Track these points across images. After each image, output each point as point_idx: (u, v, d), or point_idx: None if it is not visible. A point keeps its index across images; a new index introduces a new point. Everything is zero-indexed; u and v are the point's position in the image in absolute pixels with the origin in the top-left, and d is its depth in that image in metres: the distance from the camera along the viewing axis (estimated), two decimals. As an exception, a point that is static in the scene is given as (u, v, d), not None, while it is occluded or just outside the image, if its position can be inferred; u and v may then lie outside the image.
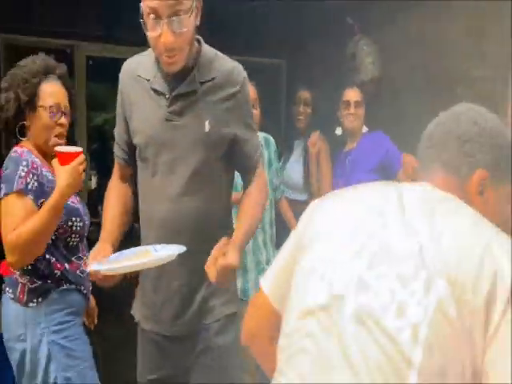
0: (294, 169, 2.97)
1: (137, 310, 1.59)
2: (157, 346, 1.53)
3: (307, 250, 0.87)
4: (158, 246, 1.39)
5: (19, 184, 1.59)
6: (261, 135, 2.55)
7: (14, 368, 1.71)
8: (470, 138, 0.86)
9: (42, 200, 1.62)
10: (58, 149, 1.62)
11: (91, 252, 1.38)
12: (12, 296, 1.67)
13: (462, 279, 0.71)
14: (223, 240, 1.37)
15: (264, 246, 2.48)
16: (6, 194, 1.59)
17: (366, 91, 2.94)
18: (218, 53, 1.48)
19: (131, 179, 1.58)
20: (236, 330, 1.47)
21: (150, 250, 1.37)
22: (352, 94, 2.80)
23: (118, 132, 1.56)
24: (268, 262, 2.46)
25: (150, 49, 1.43)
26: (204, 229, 1.45)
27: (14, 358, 1.69)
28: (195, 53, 1.42)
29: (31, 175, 1.62)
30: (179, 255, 1.33)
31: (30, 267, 1.64)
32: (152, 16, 1.29)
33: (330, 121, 2.94)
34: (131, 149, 1.53)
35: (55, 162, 1.61)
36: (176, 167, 1.43)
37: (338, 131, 2.91)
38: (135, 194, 1.58)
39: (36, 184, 1.62)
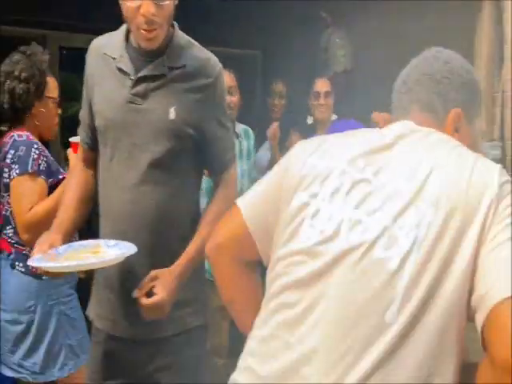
0: (263, 158, 3.02)
1: (92, 308, 1.47)
2: (112, 349, 1.40)
3: (297, 189, 0.88)
4: (111, 242, 1.29)
5: (33, 166, 1.72)
6: (240, 127, 2.62)
7: (8, 342, 1.79)
8: (443, 77, 0.89)
9: (51, 180, 1.78)
10: (72, 139, 1.71)
11: (37, 241, 1.30)
12: (23, 270, 1.79)
13: (452, 204, 0.76)
14: (151, 274, 1.29)
15: None
16: (20, 174, 1.71)
17: (339, 83, 3.02)
18: (194, 42, 1.40)
19: (95, 165, 1.47)
20: (204, 344, 1.45)
21: (102, 245, 1.29)
22: (322, 85, 2.88)
23: (82, 114, 1.49)
24: None
25: (121, 27, 1.37)
26: (165, 225, 1.34)
27: (13, 330, 1.78)
28: (168, 36, 1.34)
29: (42, 157, 1.76)
30: (138, 255, 1.24)
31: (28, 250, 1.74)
32: None
33: (304, 111, 3.00)
34: (94, 133, 1.44)
35: (70, 150, 1.70)
36: (135, 154, 1.33)
37: (309, 120, 2.99)
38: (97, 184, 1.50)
39: (46, 165, 1.77)
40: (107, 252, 1.25)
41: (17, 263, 1.81)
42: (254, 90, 4.51)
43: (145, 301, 1.26)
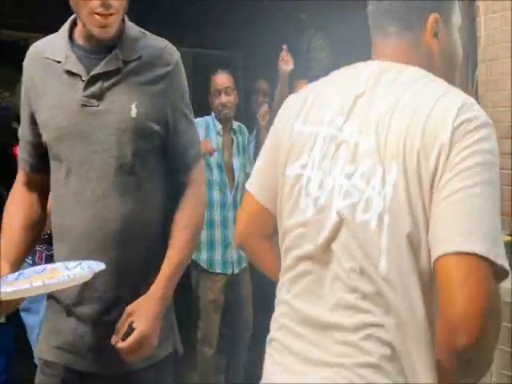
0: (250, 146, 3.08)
1: (43, 340, 1.26)
2: None
3: (288, 161, 0.92)
4: (72, 263, 1.11)
5: None
6: (235, 123, 2.69)
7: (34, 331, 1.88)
8: None
9: None
10: None
11: None
12: (31, 262, 1.87)
13: (411, 154, 0.76)
14: (126, 311, 1.15)
15: (234, 223, 2.60)
16: None
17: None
18: (147, 32, 1.27)
19: (40, 188, 1.30)
20: (173, 373, 1.30)
21: (60, 269, 1.10)
22: (302, 86, 2.94)
23: (23, 132, 1.29)
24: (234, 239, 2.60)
25: (61, 29, 1.25)
26: (133, 239, 1.20)
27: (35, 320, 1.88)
28: (119, 29, 1.20)
29: None
30: (102, 274, 1.10)
31: (46, 236, 1.72)
32: None
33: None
34: (39, 151, 1.25)
35: None
36: (96, 163, 1.18)
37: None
38: (44, 207, 1.32)
39: None
40: (63, 276, 1.06)
41: None
42: (237, 89, 4.57)
43: (121, 344, 1.11)
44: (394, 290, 0.77)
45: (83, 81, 1.18)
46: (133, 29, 1.25)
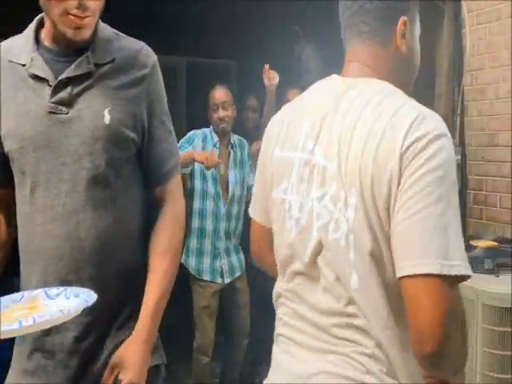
0: None
1: (13, 380, 1.13)
2: None
3: (272, 187, 0.99)
4: (53, 290, 1.00)
5: None
6: (235, 137, 2.75)
7: None
8: None
9: None
10: None
11: None
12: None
13: (367, 179, 0.81)
14: (110, 363, 1.06)
15: (225, 235, 2.65)
16: None
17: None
18: (120, 33, 1.18)
19: (3, 204, 1.18)
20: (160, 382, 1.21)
21: (41, 297, 0.99)
22: (293, 95, 3.00)
23: None
24: (227, 250, 2.65)
25: (26, 29, 1.15)
26: (114, 259, 1.11)
27: None
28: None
29: None
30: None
31: None
32: None
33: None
34: (0, 163, 1.14)
35: None
36: (66, 175, 1.08)
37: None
38: (10, 225, 1.18)
39: None
40: (51, 305, 0.96)
41: None
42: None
43: None
44: (364, 301, 0.85)
45: (50, 86, 1.08)
46: (106, 30, 1.16)
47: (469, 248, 2.04)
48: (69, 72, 1.08)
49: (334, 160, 0.87)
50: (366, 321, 0.85)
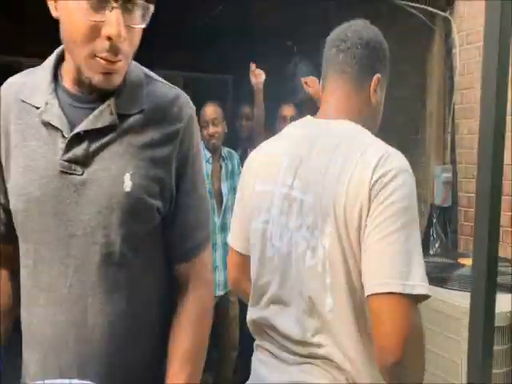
0: None
1: None
2: None
3: (252, 217, 1.07)
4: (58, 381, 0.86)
5: None
6: (225, 149, 2.81)
7: None
8: (370, 49, 1.06)
9: None
10: None
11: None
12: None
13: (340, 210, 0.91)
14: None
15: (222, 247, 2.69)
16: None
17: (306, 108, 3.20)
18: (153, 75, 0.99)
19: (8, 262, 1.00)
20: None
21: None
22: (288, 110, 3.06)
23: None
24: (223, 261, 2.66)
25: (44, 63, 0.96)
26: (127, 352, 0.92)
27: None
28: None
29: None
30: None
31: None
32: None
33: (273, 134, 3.16)
34: (9, 216, 0.95)
35: None
36: (75, 250, 0.88)
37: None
38: (15, 285, 0.99)
39: None
40: None
41: None
42: (225, 112, 4.69)
43: None
44: (337, 321, 0.94)
45: (64, 138, 0.88)
46: (136, 71, 0.95)
47: (457, 266, 2.06)
48: (86, 124, 0.88)
49: (310, 193, 0.96)
50: (333, 349, 0.94)
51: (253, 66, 2.98)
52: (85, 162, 0.88)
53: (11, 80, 0.98)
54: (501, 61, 0.81)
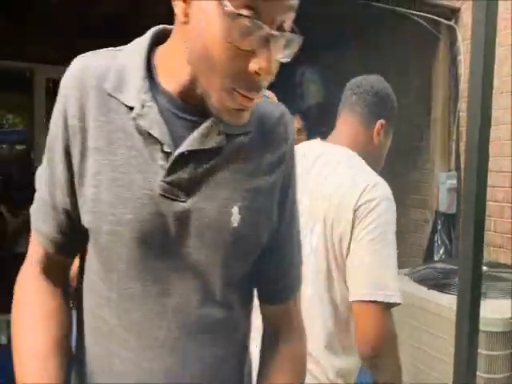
0: None
1: None
2: None
3: None
4: None
5: None
6: None
7: None
8: (379, 97, 1.26)
9: None
10: None
11: None
12: None
13: (329, 218, 1.12)
14: None
15: None
16: None
17: (313, 115, 3.24)
18: None
19: (62, 274, 0.83)
20: None
21: None
22: (296, 121, 3.10)
23: (49, 188, 0.77)
24: None
25: (128, 48, 0.75)
26: None
27: None
28: None
29: None
30: None
31: None
32: (248, 13, 0.62)
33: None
34: (71, 225, 0.77)
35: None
36: (175, 288, 0.74)
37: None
38: (67, 305, 0.82)
39: None
40: None
41: None
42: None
43: None
44: (315, 311, 1.14)
45: (165, 153, 0.70)
46: None
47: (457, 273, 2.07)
48: (193, 143, 0.71)
49: (307, 197, 1.17)
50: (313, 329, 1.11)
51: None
52: (189, 187, 0.72)
53: (88, 60, 0.74)
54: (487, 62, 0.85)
